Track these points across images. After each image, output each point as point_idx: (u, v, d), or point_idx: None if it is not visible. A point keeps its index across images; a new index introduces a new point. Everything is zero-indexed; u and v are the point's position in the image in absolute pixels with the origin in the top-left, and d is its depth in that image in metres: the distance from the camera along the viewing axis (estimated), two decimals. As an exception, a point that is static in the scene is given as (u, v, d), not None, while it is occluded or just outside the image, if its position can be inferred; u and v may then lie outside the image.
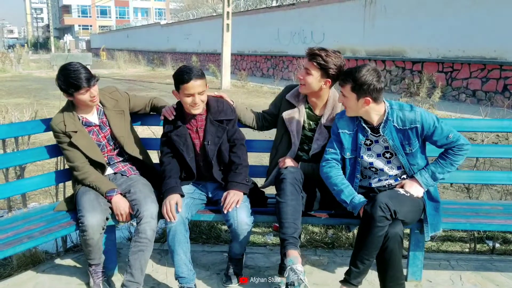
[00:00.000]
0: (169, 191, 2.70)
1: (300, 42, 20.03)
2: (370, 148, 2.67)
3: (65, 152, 2.80)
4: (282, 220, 2.58)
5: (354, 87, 2.48)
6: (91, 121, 2.87)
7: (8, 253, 2.41)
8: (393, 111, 2.57)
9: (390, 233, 2.43)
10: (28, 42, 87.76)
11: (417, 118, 2.53)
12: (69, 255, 3.29)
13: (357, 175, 2.72)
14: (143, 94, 14.21)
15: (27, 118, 3.51)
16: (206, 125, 2.80)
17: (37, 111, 3.70)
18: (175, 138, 2.79)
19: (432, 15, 13.55)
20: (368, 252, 2.46)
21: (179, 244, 2.63)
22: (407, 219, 2.50)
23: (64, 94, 2.74)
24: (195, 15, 31.76)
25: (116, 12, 76.69)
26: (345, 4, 17.40)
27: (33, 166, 4.89)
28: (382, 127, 2.58)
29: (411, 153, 2.60)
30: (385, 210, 2.38)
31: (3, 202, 3.79)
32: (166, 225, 2.66)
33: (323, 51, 2.74)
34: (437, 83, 12.10)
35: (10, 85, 17.65)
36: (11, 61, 27.28)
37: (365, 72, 2.46)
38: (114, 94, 2.96)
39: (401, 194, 2.52)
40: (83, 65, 2.74)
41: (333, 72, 2.73)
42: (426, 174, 2.62)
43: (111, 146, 2.93)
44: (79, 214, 2.62)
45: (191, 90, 2.64)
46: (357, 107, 2.54)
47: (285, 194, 2.61)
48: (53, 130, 2.79)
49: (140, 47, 41.39)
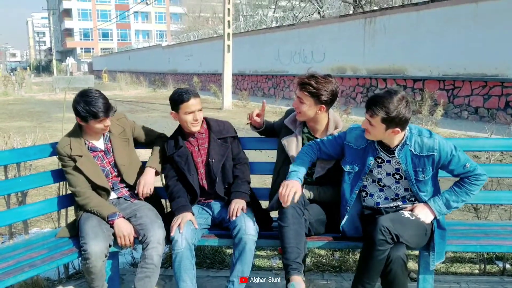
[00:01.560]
0: (181, 209, 2.74)
1: (300, 61, 20.16)
2: (381, 166, 2.63)
3: (68, 176, 2.78)
4: (284, 244, 2.52)
5: (386, 119, 2.39)
6: (96, 146, 2.86)
7: (9, 282, 2.36)
8: (412, 136, 2.52)
9: (393, 256, 2.38)
10: (30, 65, 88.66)
11: (435, 146, 2.48)
12: (71, 282, 3.23)
13: (355, 191, 2.68)
14: (145, 115, 14.29)
15: (29, 143, 3.48)
16: (210, 143, 2.91)
17: (39, 136, 3.67)
18: (177, 158, 2.87)
19: (432, 33, 13.64)
20: (369, 276, 2.41)
21: (185, 271, 2.59)
22: (411, 243, 2.45)
23: (78, 118, 2.73)
24: (196, 36, 32.07)
25: (117, 35, 77.54)
26: (345, 24, 17.56)
27: (35, 190, 4.84)
28: (398, 150, 2.54)
29: (423, 180, 2.55)
30: (386, 233, 2.34)
31: (5, 228, 3.74)
32: (172, 251, 2.61)
33: (312, 78, 2.72)
34: (439, 101, 12.11)
35: (12, 108, 17.72)
36: (14, 84, 27.47)
37: (397, 104, 2.36)
38: (122, 121, 2.96)
39: (405, 218, 2.47)
40: (102, 93, 2.74)
41: (325, 98, 2.72)
42: (440, 201, 2.57)
43: (115, 172, 2.91)
44: (81, 241, 2.58)
45: (192, 107, 2.79)
46: (383, 135, 2.50)
47: (287, 218, 2.56)
48: (58, 153, 2.78)
49: (142, 68, 41.73)
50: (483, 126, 6.92)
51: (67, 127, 2.84)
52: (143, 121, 12.96)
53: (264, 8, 38.07)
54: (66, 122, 2.84)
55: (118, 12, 68.86)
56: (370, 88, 16.29)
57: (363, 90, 16.66)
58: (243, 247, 2.60)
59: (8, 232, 3.32)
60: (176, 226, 2.65)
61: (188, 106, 2.78)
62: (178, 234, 2.62)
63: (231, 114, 3.24)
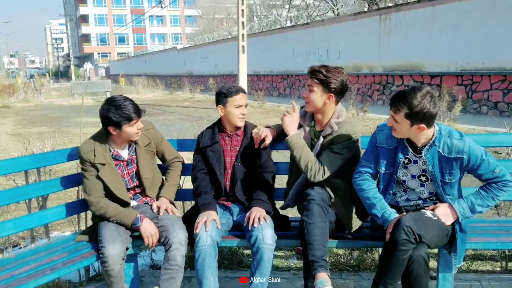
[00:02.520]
0: (207, 206, 2.75)
1: (315, 60, 20.08)
2: (407, 167, 2.60)
3: (85, 180, 2.79)
4: (311, 242, 2.50)
5: (409, 114, 2.35)
6: (121, 155, 2.85)
7: (31, 285, 2.40)
8: (441, 136, 2.47)
9: (415, 256, 2.34)
10: (49, 71, 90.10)
11: (465, 149, 2.43)
12: (92, 284, 3.28)
13: (390, 191, 2.65)
14: (162, 118, 14.41)
15: (48, 148, 3.54)
16: (241, 146, 2.91)
17: (57, 141, 3.74)
18: (210, 153, 2.91)
19: (448, 28, 13.46)
20: (392, 276, 2.38)
21: (209, 268, 2.58)
22: (432, 243, 2.41)
23: (111, 127, 2.70)
24: (211, 38, 32.21)
25: (133, 39, 78.31)
26: (360, 21, 17.45)
27: (55, 194, 4.93)
28: (425, 150, 2.49)
29: (449, 183, 2.50)
30: (409, 233, 2.30)
31: (26, 232, 3.81)
32: (196, 248, 2.60)
33: (323, 67, 2.75)
34: (457, 97, 11.94)
35: (32, 114, 18.06)
36: (33, 90, 27.99)
37: (421, 99, 2.32)
38: (149, 132, 2.95)
39: (428, 218, 2.43)
40: (127, 97, 2.76)
41: (334, 86, 2.72)
42: (465, 204, 2.51)
43: (134, 183, 2.91)
44: (99, 244, 2.62)
45: (240, 101, 2.88)
46: (408, 132, 2.45)
47: (313, 216, 2.54)
48: (80, 157, 2.77)
49: (158, 71, 42.07)
50: (503, 121, 6.79)
51: (85, 131, 2.86)
52: (160, 123, 13.08)
53: (278, 8, 38.01)
54: (84, 127, 2.86)
55: (134, 16, 69.63)
56: (386, 86, 16.14)
57: (379, 87, 16.52)
58: (261, 257, 2.58)
59: (30, 236, 3.38)
60: (202, 223, 2.64)
61: (237, 100, 2.87)
62: (203, 231, 2.61)
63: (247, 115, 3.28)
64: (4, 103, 23.18)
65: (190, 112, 16.53)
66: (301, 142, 2.77)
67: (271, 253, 2.61)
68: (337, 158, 2.73)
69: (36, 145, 3.45)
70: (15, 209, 4.09)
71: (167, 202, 2.92)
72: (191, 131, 4.94)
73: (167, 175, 3.08)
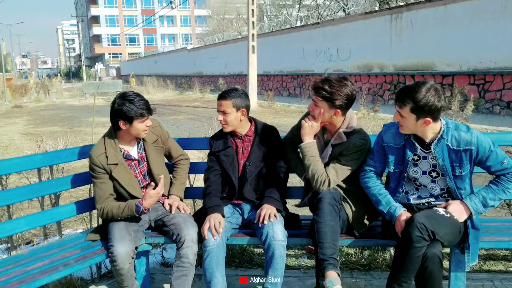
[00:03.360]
0: (213, 209, 2.74)
1: (326, 60, 20.04)
2: (417, 164, 2.59)
3: (95, 188, 2.80)
4: (321, 240, 2.50)
5: (414, 108, 2.37)
6: (131, 155, 2.87)
7: (44, 281, 2.43)
8: (449, 130, 2.47)
9: (429, 254, 2.33)
10: (61, 71, 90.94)
11: (473, 141, 2.43)
12: (103, 282, 3.30)
13: (400, 190, 2.65)
14: (172, 118, 14.47)
15: (61, 146, 3.58)
16: (252, 147, 2.90)
17: (70, 140, 3.78)
18: (223, 157, 2.90)
19: (460, 27, 13.36)
20: (406, 274, 2.37)
21: (218, 267, 2.58)
22: (445, 241, 2.39)
23: (122, 121, 2.71)
24: (221, 38, 32.27)
25: (144, 40, 78.69)
26: (371, 21, 17.37)
27: (67, 192, 4.97)
28: (434, 145, 2.49)
29: (460, 176, 2.50)
30: (423, 230, 2.29)
31: (39, 229, 3.85)
32: (204, 248, 2.61)
33: (326, 82, 2.63)
34: (469, 96, 11.83)
35: (45, 114, 18.25)
36: (45, 90, 28.29)
37: (425, 92, 2.34)
38: (156, 130, 2.96)
39: (440, 215, 2.42)
40: (139, 93, 2.77)
41: (340, 103, 2.63)
42: (477, 199, 2.50)
43: (146, 181, 2.92)
44: (109, 243, 2.63)
45: (218, 107, 2.91)
46: (415, 127, 2.46)
47: (324, 214, 2.54)
48: (91, 161, 2.77)
49: (168, 72, 42.26)
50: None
51: (96, 131, 2.88)
52: (171, 123, 13.14)
53: (288, 7, 37.98)
54: (96, 126, 2.88)
55: (144, 17, 69.91)
56: (397, 85, 16.04)
57: (391, 87, 16.43)
58: (273, 254, 2.58)
59: (42, 233, 3.42)
60: (207, 228, 2.64)
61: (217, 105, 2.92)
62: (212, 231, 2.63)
63: (257, 115, 3.28)
64: (16, 103, 23.46)
65: (200, 112, 16.58)
66: (313, 152, 2.74)
67: (283, 250, 2.60)
68: (344, 170, 2.72)
69: (48, 144, 3.48)
70: (28, 207, 4.13)
71: (178, 200, 2.94)
72: (202, 131, 4.97)
73: (175, 173, 3.09)
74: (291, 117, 14.07)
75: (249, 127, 2.97)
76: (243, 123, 2.92)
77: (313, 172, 2.69)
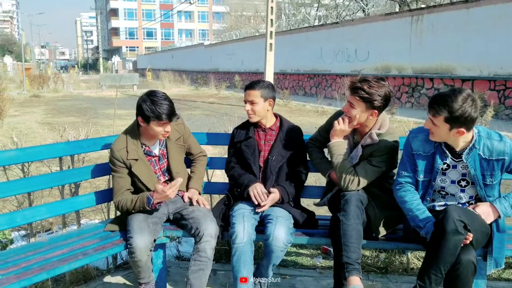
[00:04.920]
0: (253, 181, 2.82)
1: (344, 60, 19.91)
2: (445, 173, 2.52)
3: (113, 182, 2.82)
4: (347, 243, 2.47)
5: (449, 118, 2.29)
6: (152, 151, 2.87)
7: (64, 269, 2.45)
8: (481, 138, 2.41)
9: (464, 260, 2.27)
10: (78, 63, 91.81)
11: (506, 150, 2.37)
12: (119, 272, 3.32)
13: (428, 198, 2.59)
14: (187, 113, 14.51)
15: (82, 136, 3.60)
16: (275, 141, 2.92)
17: (90, 130, 3.80)
18: (244, 148, 2.93)
19: (482, 31, 13.15)
20: (438, 269, 2.28)
21: (245, 265, 2.58)
22: (474, 238, 2.33)
23: (140, 118, 2.71)
24: (238, 35, 32.27)
25: (161, 34, 79.06)
26: (391, 22, 17.21)
27: (86, 183, 5.02)
28: (466, 154, 2.43)
29: (491, 184, 2.45)
30: (458, 222, 2.23)
31: (58, 218, 3.88)
32: (232, 245, 2.62)
33: (365, 83, 2.58)
34: (489, 102, 11.66)
35: (62, 104, 18.43)
36: (63, 81, 28.60)
37: (461, 102, 2.25)
38: (180, 127, 2.96)
39: (472, 212, 2.38)
40: (169, 97, 2.75)
41: (378, 104, 2.60)
42: (507, 203, 2.45)
43: (166, 177, 2.92)
44: (128, 235, 2.64)
45: (245, 96, 2.95)
46: (447, 136, 2.39)
47: (351, 217, 2.51)
48: (112, 155, 2.78)
49: (184, 67, 42.39)
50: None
51: (117, 123, 2.88)
52: (186, 118, 13.12)
53: (307, 6, 37.80)
54: (112, 118, 2.88)
55: (163, 11, 70.26)
56: (416, 88, 15.89)
57: (409, 89, 16.27)
58: (271, 252, 2.62)
59: (61, 222, 3.45)
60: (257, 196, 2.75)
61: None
62: (240, 228, 2.63)
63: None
64: (34, 92, 23.74)
65: (216, 108, 16.60)
66: (341, 151, 2.72)
67: (281, 253, 2.64)
68: (374, 171, 2.69)
69: (70, 133, 3.51)
70: (48, 195, 4.16)
71: (197, 194, 2.94)
72: (217, 127, 4.96)
73: (193, 168, 3.10)
74: (306, 116, 14.03)
75: (274, 121, 2.98)
76: (268, 114, 2.93)
77: (341, 171, 2.67)
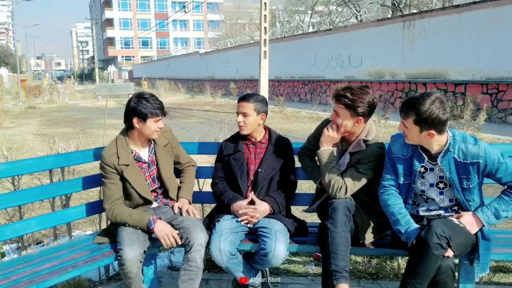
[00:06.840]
0: (234, 199, 2.87)
1: (337, 66, 20.01)
2: (424, 176, 2.56)
3: (104, 188, 2.82)
4: (335, 251, 2.49)
5: (418, 120, 2.35)
6: (141, 157, 2.89)
7: (53, 281, 2.45)
8: (456, 142, 2.44)
9: (443, 266, 2.30)
10: (74, 73, 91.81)
11: (481, 153, 2.39)
12: (111, 284, 3.32)
13: (409, 201, 2.62)
14: (183, 121, 14.53)
15: (72, 148, 3.62)
16: (265, 154, 2.93)
17: (81, 142, 3.81)
18: (233, 161, 2.94)
19: (474, 36, 13.25)
20: (421, 281, 2.32)
21: (236, 270, 2.75)
22: (457, 250, 2.37)
23: (136, 119, 2.74)
24: (233, 43, 32.39)
25: (157, 43, 79.26)
26: (383, 28, 17.32)
27: (78, 194, 5.02)
28: (440, 157, 2.46)
29: (468, 188, 2.47)
30: (441, 237, 2.26)
31: (50, 230, 3.89)
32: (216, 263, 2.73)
33: (348, 90, 2.63)
34: (482, 105, 11.72)
35: (57, 115, 18.43)
36: (58, 92, 28.59)
37: (429, 104, 2.30)
38: (167, 134, 3.00)
39: (456, 224, 2.40)
40: (154, 95, 2.83)
41: (362, 110, 2.63)
42: (489, 211, 2.46)
43: (156, 185, 2.94)
44: (118, 246, 2.65)
45: (238, 108, 2.97)
46: (419, 138, 2.44)
47: (339, 224, 2.54)
48: (103, 161, 2.79)
49: (180, 75, 42.47)
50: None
51: (108, 133, 2.91)
52: (181, 126, 13.19)
53: (300, 13, 38.00)
54: (107, 128, 2.91)
55: (158, 20, 70.43)
56: (409, 93, 15.96)
57: (402, 94, 16.35)
58: (266, 264, 2.73)
59: (52, 234, 3.45)
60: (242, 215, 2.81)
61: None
62: (217, 251, 2.67)
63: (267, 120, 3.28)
64: (30, 104, 23.72)
65: (211, 116, 16.63)
66: (330, 159, 2.75)
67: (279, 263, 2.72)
68: (361, 178, 2.71)
69: (60, 145, 3.53)
70: (39, 207, 4.17)
71: (187, 203, 2.95)
72: (212, 135, 4.98)
73: (183, 178, 3.11)
74: (301, 123, 14.07)
75: (263, 134, 3.01)
76: (260, 128, 2.96)
77: (329, 178, 2.70)
